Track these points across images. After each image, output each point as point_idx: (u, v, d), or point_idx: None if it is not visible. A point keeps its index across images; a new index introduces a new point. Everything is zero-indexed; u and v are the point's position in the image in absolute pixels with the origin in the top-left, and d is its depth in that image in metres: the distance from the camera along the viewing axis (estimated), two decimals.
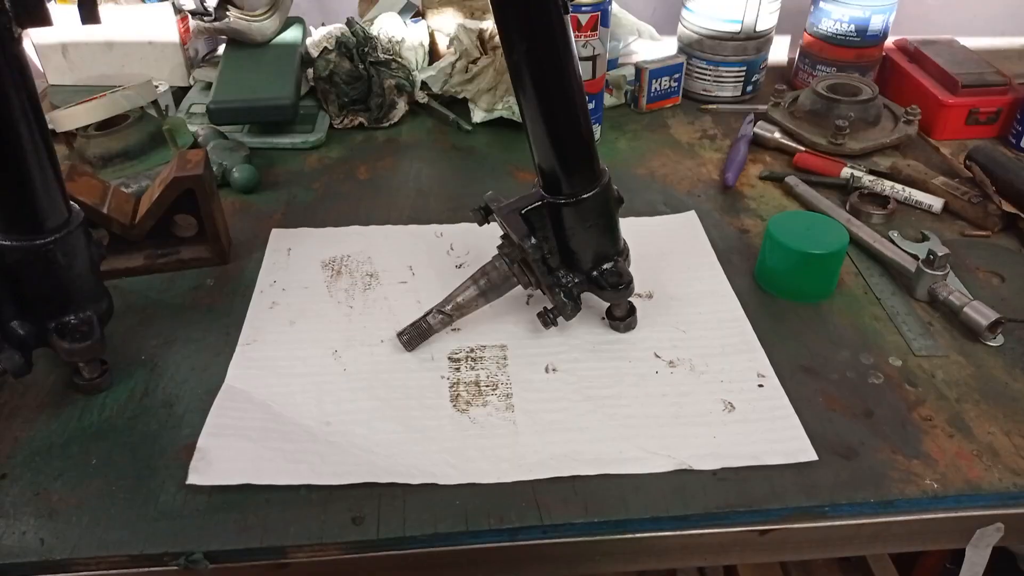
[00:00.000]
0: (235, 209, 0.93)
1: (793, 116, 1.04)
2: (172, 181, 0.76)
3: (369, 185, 0.98)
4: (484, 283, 0.71)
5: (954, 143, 1.05)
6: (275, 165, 1.01)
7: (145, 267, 0.81)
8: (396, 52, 1.11)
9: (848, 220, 0.86)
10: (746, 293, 0.79)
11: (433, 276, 0.82)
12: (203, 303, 0.78)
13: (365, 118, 1.08)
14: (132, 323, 0.76)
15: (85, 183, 0.77)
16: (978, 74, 1.04)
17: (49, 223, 0.61)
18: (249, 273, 0.82)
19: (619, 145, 1.07)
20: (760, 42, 1.11)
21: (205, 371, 0.70)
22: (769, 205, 0.93)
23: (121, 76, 1.12)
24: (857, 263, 0.83)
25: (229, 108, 0.98)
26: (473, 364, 0.71)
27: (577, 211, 0.67)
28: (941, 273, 0.76)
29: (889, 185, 0.92)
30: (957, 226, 0.89)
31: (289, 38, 1.13)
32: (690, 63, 1.14)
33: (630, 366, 0.70)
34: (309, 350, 0.72)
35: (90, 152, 0.93)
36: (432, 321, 0.71)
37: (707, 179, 0.99)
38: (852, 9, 1.07)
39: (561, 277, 0.71)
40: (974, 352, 0.72)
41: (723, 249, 0.86)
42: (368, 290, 0.80)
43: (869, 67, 1.13)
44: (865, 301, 0.78)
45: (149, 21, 1.08)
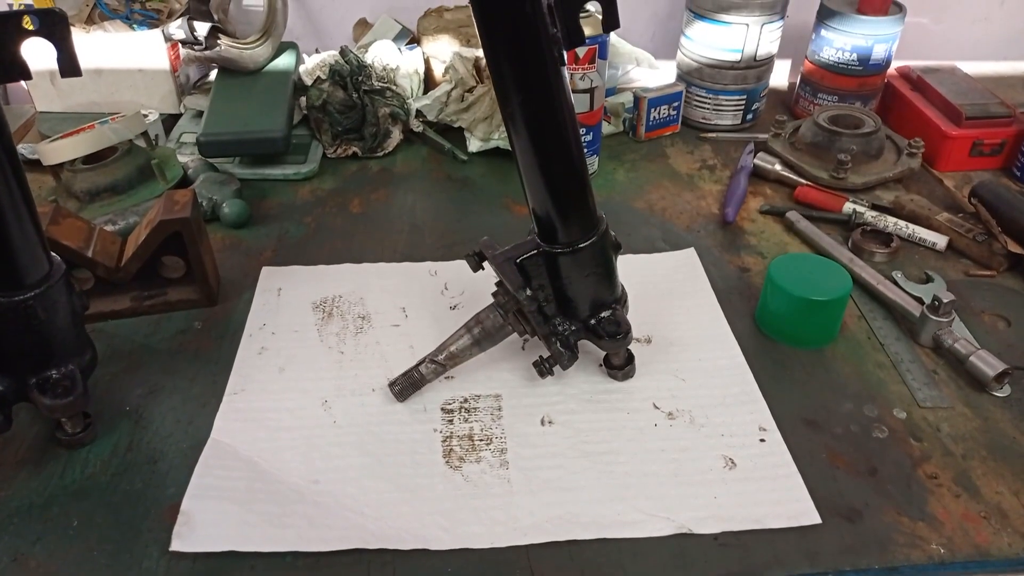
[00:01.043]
0: (225, 245, 0.91)
1: (794, 147, 1.03)
2: (159, 224, 0.75)
3: (362, 219, 0.96)
4: (478, 332, 0.70)
5: (958, 175, 1.03)
6: (267, 197, 1.00)
7: (131, 309, 0.79)
8: (391, 80, 1.09)
9: (851, 260, 0.84)
10: (747, 337, 0.77)
11: (427, 318, 0.80)
12: (190, 348, 0.76)
13: (359, 147, 1.06)
14: (117, 370, 0.74)
15: (69, 225, 0.75)
16: (982, 105, 1.02)
17: (29, 278, 0.59)
18: (238, 315, 0.81)
19: (617, 176, 1.05)
20: (760, 71, 1.09)
21: (191, 423, 0.68)
22: (770, 242, 0.92)
23: (110, 103, 1.10)
24: (860, 306, 0.81)
25: (219, 141, 0.96)
26: (467, 416, 0.69)
27: (574, 260, 0.65)
28: (946, 320, 0.74)
29: (892, 221, 0.91)
30: (961, 265, 0.87)
31: (282, 65, 1.11)
32: (689, 91, 1.12)
33: (628, 418, 0.68)
34: (298, 400, 0.70)
35: (77, 187, 0.91)
36: (424, 371, 0.70)
37: (707, 213, 0.97)
38: (854, 38, 1.06)
39: (558, 325, 0.69)
40: (980, 403, 0.70)
41: (723, 289, 0.84)
42: (360, 333, 0.78)
43: (871, 96, 1.12)
44: (868, 347, 0.76)
45: (139, 48, 1.06)
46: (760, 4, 1.03)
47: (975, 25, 1.25)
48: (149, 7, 1.12)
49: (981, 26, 1.25)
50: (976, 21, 1.25)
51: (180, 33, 0.98)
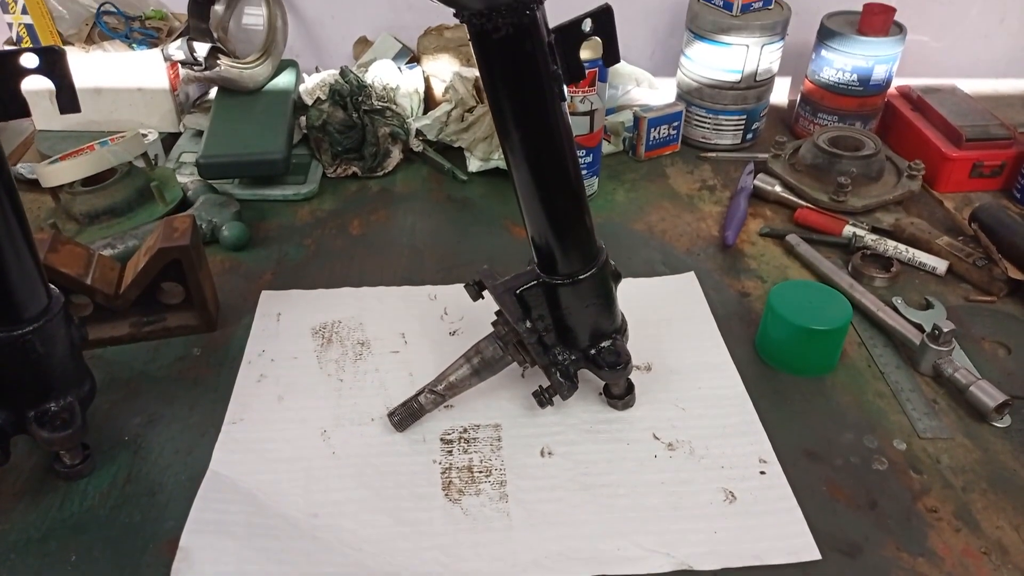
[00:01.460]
0: (224, 268, 0.90)
1: (794, 169, 1.02)
2: (158, 252, 0.74)
3: (362, 241, 0.96)
4: (477, 362, 0.69)
5: (958, 196, 1.03)
6: (266, 218, 0.99)
7: (130, 336, 0.79)
8: (391, 99, 1.09)
9: (851, 286, 0.84)
10: (747, 365, 0.77)
11: (426, 345, 0.80)
12: (189, 375, 0.76)
13: (359, 167, 1.06)
14: (116, 398, 0.74)
15: (68, 252, 0.75)
16: (982, 127, 1.02)
17: (27, 312, 0.59)
18: (237, 341, 0.80)
19: (617, 197, 1.05)
20: (760, 91, 1.09)
21: (190, 454, 0.68)
22: (770, 265, 0.91)
23: (110, 122, 1.10)
24: (860, 332, 0.81)
25: (219, 163, 0.96)
26: (466, 446, 0.69)
27: (574, 291, 0.65)
28: (946, 349, 0.74)
29: (892, 245, 0.90)
30: (962, 290, 0.87)
31: (282, 84, 1.11)
32: (689, 110, 1.12)
33: (628, 449, 0.68)
34: (297, 430, 0.70)
35: (76, 209, 0.91)
36: (424, 401, 0.69)
37: (707, 235, 0.97)
38: (854, 59, 1.06)
39: (558, 355, 0.69)
40: (980, 434, 0.70)
41: (723, 315, 0.84)
42: (359, 360, 0.78)
43: (872, 115, 1.12)
44: (869, 375, 0.76)
45: (138, 68, 1.06)
46: (760, 26, 1.03)
47: (975, 43, 1.25)
48: (149, 25, 1.11)
49: (981, 44, 1.25)
50: (976, 39, 1.25)
51: (180, 54, 0.98)
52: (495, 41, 0.52)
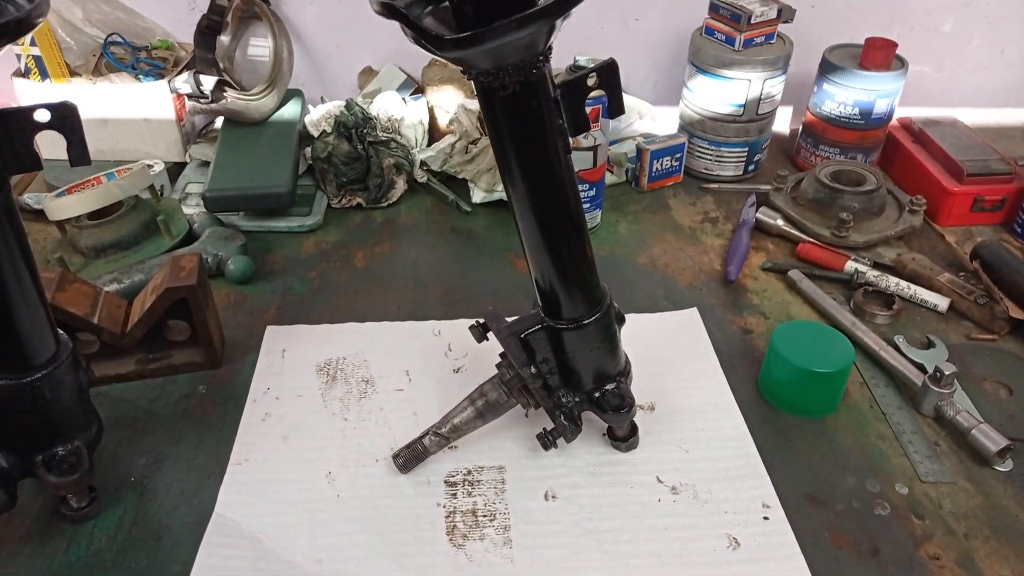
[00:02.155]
0: (229, 303, 0.91)
1: (796, 202, 1.03)
2: (165, 291, 0.75)
3: (366, 274, 0.96)
4: (482, 404, 0.70)
5: (959, 229, 1.04)
6: (271, 250, 1.00)
7: (136, 373, 0.80)
8: (395, 130, 1.10)
9: (853, 324, 0.85)
10: (749, 404, 0.78)
11: (430, 382, 0.80)
12: (194, 413, 0.77)
13: (363, 198, 1.07)
14: (122, 437, 0.74)
15: (75, 291, 0.76)
16: (983, 162, 1.03)
17: (36, 359, 0.60)
18: (242, 378, 0.81)
19: (620, 229, 1.05)
20: (762, 124, 1.10)
21: (195, 495, 0.68)
22: (772, 301, 0.92)
23: (116, 151, 1.11)
24: (863, 372, 0.81)
25: (225, 197, 0.97)
26: (470, 489, 0.69)
27: (579, 336, 0.65)
28: (948, 391, 0.74)
29: (894, 282, 0.91)
30: (963, 327, 0.88)
31: (287, 115, 1.12)
32: (692, 142, 1.13)
33: (632, 492, 0.69)
34: (302, 471, 0.70)
35: (82, 243, 0.92)
36: (428, 443, 0.70)
37: (709, 269, 0.97)
38: (856, 93, 1.06)
39: (562, 397, 0.69)
40: (982, 478, 0.70)
41: (726, 352, 0.84)
42: (364, 398, 0.78)
43: (873, 148, 1.12)
44: (871, 416, 0.77)
45: (145, 99, 1.07)
46: (762, 61, 1.04)
47: (976, 73, 1.26)
48: (155, 56, 1.12)
49: (982, 75, 1.26)
50: (977, 70, 1.26)
51: (186, 87, 0.99)
52: (502, 98, 0.53)
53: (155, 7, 1.15)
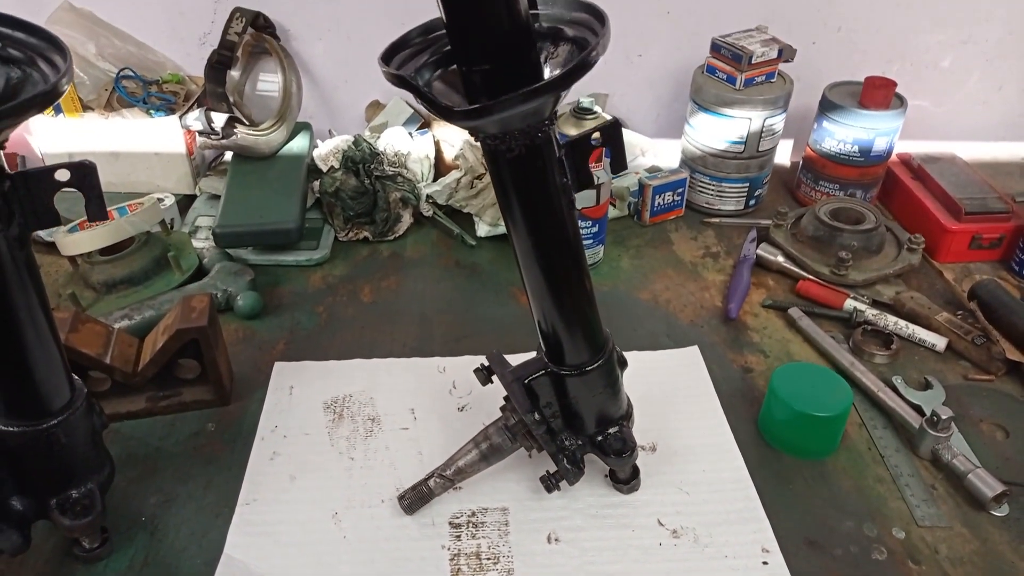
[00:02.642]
0: (238, 338, 0.93)
1: (796, 239, 1.05)
2: (176, 332, 0.77)
3: (373, 309, 0.98)
4: (486, 447, 0.71)
5: (958, 266, 1.05)
6: (279, 284, 1.02)
7: (147, 410, 0.81)
8: (402, 164, 1.11)
9: (852, 364, 0.86)
10: (749, 445, 0.79)
11: (435, 421, 0.82)
12: (204, 452, 0.78)
13: (370, 231, 1.09)
14: (133, 475, 0.75)
15: (88, 331, 0.77)
16: (980, 200, 1.04)
17: (52, 407, 0.61)
18: (251, 415, 0.82)
19: (622, 264, 1.07)
20: (763, 160, 1.12)
21: (205, 536, 0.70)
22: (772, 339, 0.93)
23: (126, 183, 1.13)
24: (861, 413, 0.83)
25: (234, 233, 0.99)
26: (474, 531, 0.70)
27: (583, 382, 0.67)
28: (944, 435, 0.75)
29: (892, 321, 0.92)
30: (961, 367, 0.89)
31: (296, 149, 1.14)
32: (693, 177, 1.14)
33: (633, 535, 0.70)
34: (309, 512, 0.72)
35: (94, 278, 0.93)
36: (433, 485, 0.71)
37: (710, 306, 0.99)
38: (855, 131, 1.08)
39: (565, 440, 0.70)
40: (978, 523, 0.71)
41: (726, 392, 0.85)
42: (370, 437, 0.80)
43: (872, 184, 1.14)
44: (869, 458, 0.78)
45: (156, 133, 1.09)
46: (762, 100, 1.05)
47: (974, 108, 1.28)
48: (166, 90, 1.14)
49: (980, 110, 1.28)
50: (975, 105, 1.28)
51: (198, 124, 1.01)
52: (508, 160, 0.55)
53: (166, 41, 1.18)
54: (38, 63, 0.51)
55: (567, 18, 0.56)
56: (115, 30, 1.16)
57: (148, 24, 1.16)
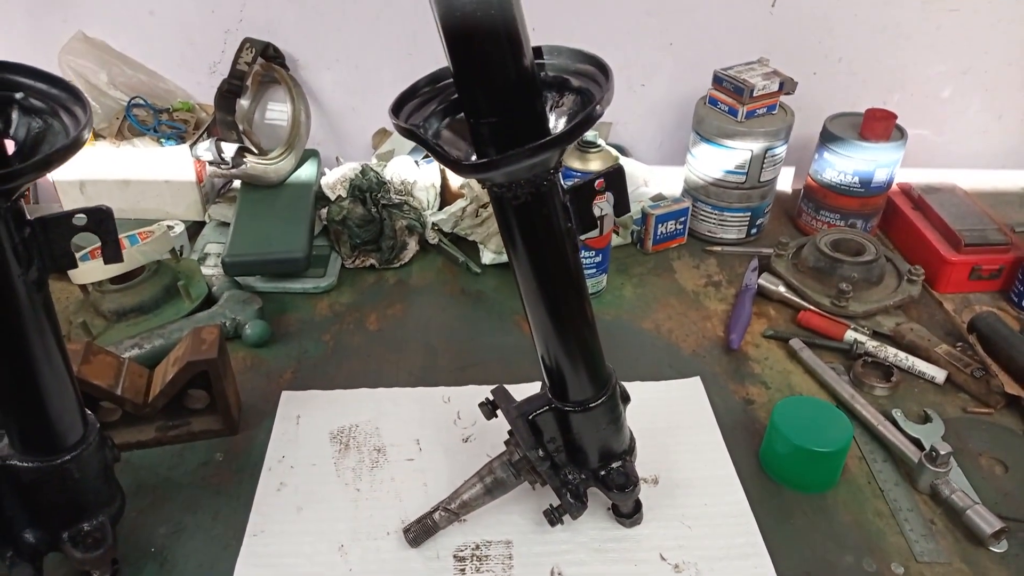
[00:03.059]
0: (246, 366, 0.94)
1: (797, 269, 1.06)
2: (187, 364, 0.78)
3: (378, 337, 0.99)
4: (490, 481, 0.72)
5: (957, 297, 1.06)
6: (286, 311, 1.03)
7: (156, 440, 0.82)
8: (408, 192, 1.13)
9: (852, 396, 0.87)
10: (750, 478, 0.80)
11: (440, 452, 0.83)
12: (212, 482, 0.79)
13: (376, 259, 1.10)
14: (143, 505, 0.76)
15: (100, 362, 0.79)
16: (980, 231, 1.06)
17: (66, 442, 0.62)
18: (258, 444, 0.83)
19: (625, 292, 1.08)
20: (764, 190, 1.13)
21: (213, 567, 0.71)
22: (773, 370, 0.94)
23: (136, 210, 1.15)
24: (861, 446, 0.83)
25: (243, 262, 1.00)
26: (478, 564, 0.71)
27: (586, 418, 0.68)
28: (943, 470, 0.76)
29: (892, 353, 0.93)
30: (960, 400, 0.90)
31: (304, 177, 1.15)
32: (695, 206, 1.16)
33: (636, 570, 0.71)
34: (315, 544, 0.73)
35: (104, 306, 0.95)
36: (438, 518, 0.72)
37: (712, 336, 1.00)
38: (856, 163, 1.09)
39: (568, 474, 0.72)
40: (977, 559, 0.72)
41: (728, 423, 0.86)
42: (376, 468, 0.81)
43: (873, 214, 1.15)
44: (868, 492, 0.79)
45: (166, 161, 1.11)
46: (764, 132, 1.07)
47: (974, 138, 1.29)
48: (176, 118, 1.16)
49: (980, 139, 1.29)
50: (975, 134, 1.29)
51: (208, 154, 1.03)
52: (514, 206, 0.56)
53: (177, 70, 1.20)
54: (59, 114, 0.53)
55: (572, 68, 0.57)
56: (127, 59, 1.18)
57: (159, 53, 1.18)
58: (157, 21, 1.16)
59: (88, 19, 1.16)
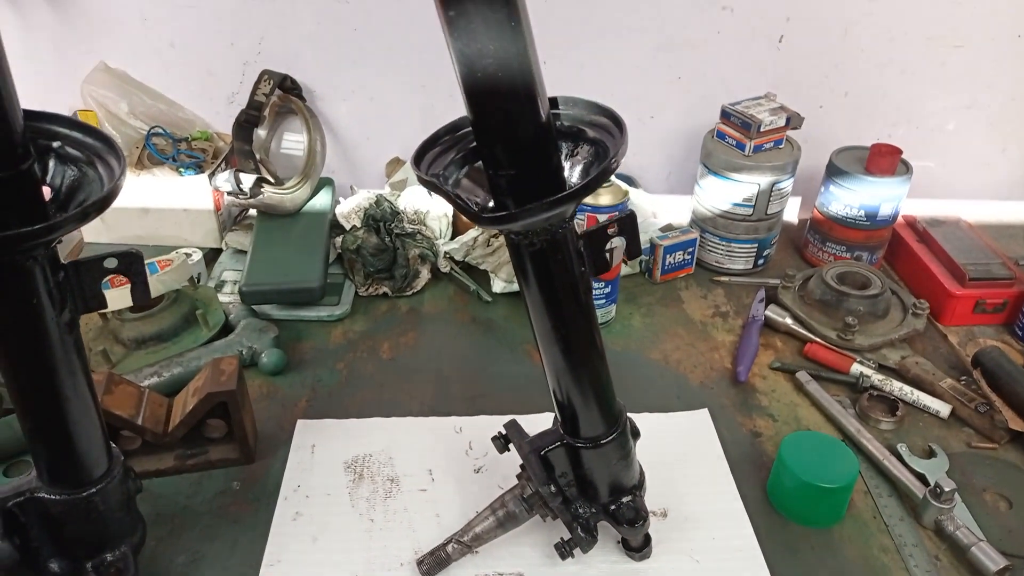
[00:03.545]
0: (262, 394, 0.96)
1: (803, 301, 1.07)
2: (206, 396, 0.80)
3: (391, 366, 1.01)
4: (503, 515, 0.74)
5: (962, 330, 1.07)
6: (301, 339, 1.05)
7: (175, 468, 0.84)
8: (421, 221, 1.15)
9: (858, 431, 0.88)
10: (758, 513, 0.81)
11: (452, 483, 0.84)
12: (230, 511, 0.81)
13: (389, 287, 1.12)
14: (162, 534, 0.78)
15: (121, 392, 0.81)
16: (984, 266, 1.07)
17: (92, 476, 0.64)
18: (274, 473, 0.85)
19: (633, 322, 1.10)
20: (771, 223, 1.15)
21: None
22: (780, 402, 0.96)
23: (155, 237, 1.17)
24: (867, 480, 0.85)
25: (260, 291, 1.03)
26: None
27: (597, 454, 0.69)
28: (948, 507, 0.78)
29: (898, 387, 0.95)
30: (964, 434, 0.91)
31: (319, 205, 1.18)
32: (703, 237, 1.18)
33: None
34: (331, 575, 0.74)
35: (124, 334, 0.97)
36: (451, 551, 0.73)
37: (719, 367, 1.01)
38: (861, 196, 1.11)
39: (579, 508, 0.73)
40: None
41: (735, 456, 0.88)
42: (389, 498, 0.82)
43: (878, 247, 1.17)
44: (874, 527, 0.80)
45: (184, 190, 1.13)
46: (771, 167, 1.09)
47: (978, 170, 1.31)
48: (195, 147, 1.19)
49: (984, 171, 1.31)
50: (979, 166, 1.31)
51: (227, 185, 1.05)
52: (530, 252, 0.58)
53: (196, 99, 1.23)
54: (94, 163, 0.55)
55: (587, 119, 0.59)
56: (147, 89, 1.21)
57: (179, 84, 1.21)
58: (177, 53, 1.19)
59: (110, 50, 1.19)
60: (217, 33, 1.17)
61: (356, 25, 1.16)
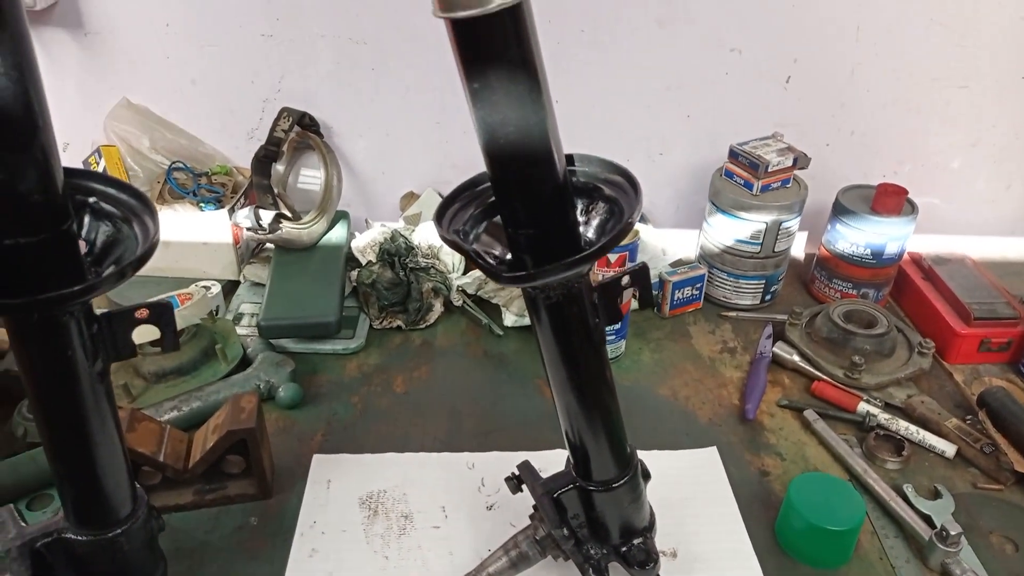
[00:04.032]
0: (279, 428, 0.98)
1: (811, 339, 1.09)
2: (226, 434, 0.82)
3: (405, 400, 1.03)
4: (515, 555, 0.75)
5: (967, 368, 1.09)
6: (317, 372, 1.07)
7: (193, 503, 0.86)
8: (435, 256, 1.17)
9: (865, 471, 0.90)
10: (765, 552, 0.82)
11: (465, 520, 0.86)
12: (247, 547, 0.82)
13: (403, 320, 1.14)
14: (181, 569, 0.80)
15: (143, 429, 0.83)
16: (989, 305, 1.09)
17: (118, 516, 0.66)
18: (291, 508, 0.87)
19: (642, 357, 1.11)
20: (778, 259, 1.17)
21: None
22: (788, 441, 0.97)
23: (174, 269, 1.19)
24: (873, 521, 0.86)
25: (278, 326, 1.05)
26: None
27: (609, 497, 0.71)
28: (954, 550, 0.79)
29: (904, 426, 0.96)
30: (970, 475, 0.92)
31: (335, 239, 1.20)
32: (711, 272, 1.20)
33: None
34: None
35: (145, 368, 0.99)
36: None
37: (728, 404, 1.03)
38: (867, 235, 1.13)
39: (590, 550, 0.74)
40: None
41: (744, 495, 0.89)
42: (403, 535, 0.84)
43: (884, 284, 1.19)
44: (880, 569, 0.81)
45: (204, 224, 1.16)
46: (778, 206, 1.11)
47: (983, 206, 1.33)
48: (214, 181, 1.22)
49: (989, 207, 1.33)
50: (984, 203, 1.33)
51: (247, 221, 1.08)
52: (546, 305, 0.60)
53: (216, 135, 1.25)
54: (130, 220, 0.58)
55: (602, 177, 0.61)
56: (168, 124, 1.24)
57: (200, 120, 1.24)
58: (199, 90, 1.22)
59: (133, 87, 1.22)
60: (238, 72, 1.20)
61: (373, 65, 1.19)
